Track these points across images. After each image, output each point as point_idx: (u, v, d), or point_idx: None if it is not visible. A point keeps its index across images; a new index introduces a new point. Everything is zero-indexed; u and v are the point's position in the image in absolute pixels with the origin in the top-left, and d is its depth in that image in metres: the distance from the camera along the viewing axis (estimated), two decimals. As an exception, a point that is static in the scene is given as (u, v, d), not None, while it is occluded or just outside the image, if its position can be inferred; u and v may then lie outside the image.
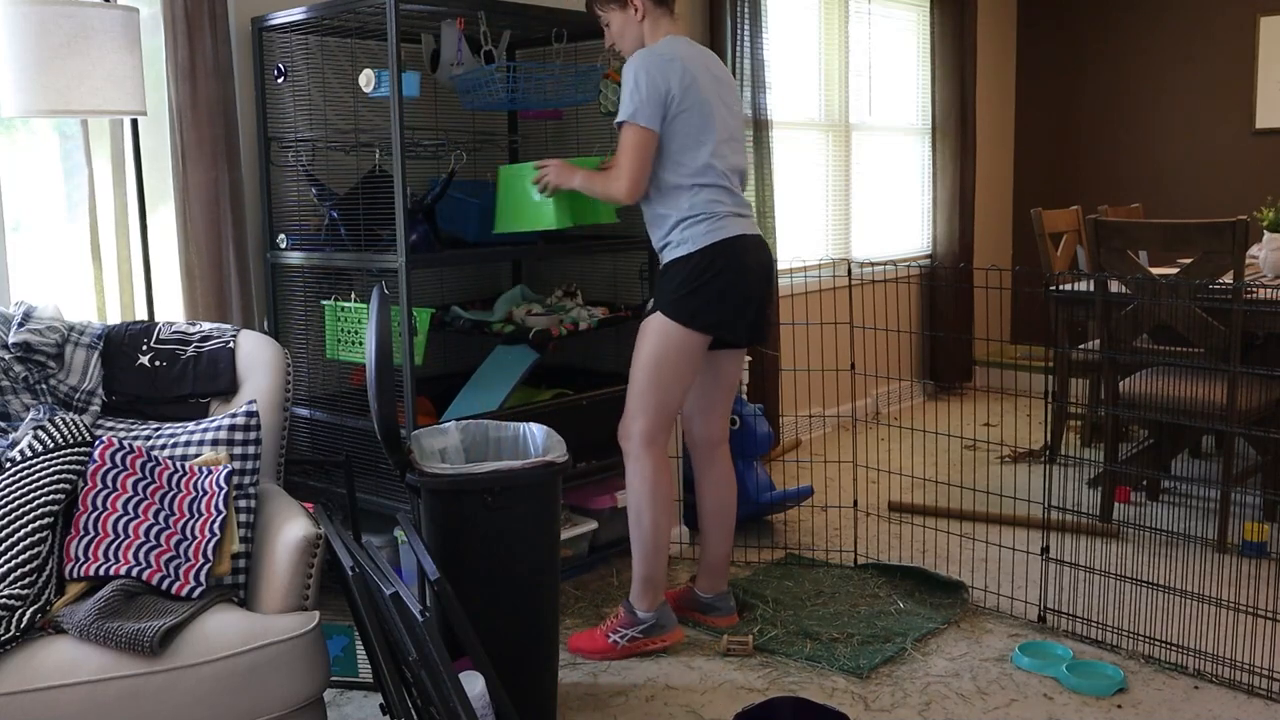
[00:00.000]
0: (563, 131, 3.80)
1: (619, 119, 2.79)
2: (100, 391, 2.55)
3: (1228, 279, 3.55)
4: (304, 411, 3.33)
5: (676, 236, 2.83)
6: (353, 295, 3.19)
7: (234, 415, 2.39)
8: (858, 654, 2.93)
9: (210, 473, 2.27)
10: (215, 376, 2.58)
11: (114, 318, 3.08)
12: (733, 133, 2.89)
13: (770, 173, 4.64)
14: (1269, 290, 3.73)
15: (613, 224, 3.35)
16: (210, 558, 2.15)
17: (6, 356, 2.47)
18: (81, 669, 1.91)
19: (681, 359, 2.84)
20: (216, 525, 2.18)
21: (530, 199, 3.12)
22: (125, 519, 2.15)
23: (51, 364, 2.53)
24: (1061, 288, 4.18)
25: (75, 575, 2.09)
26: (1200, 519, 3.96)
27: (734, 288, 2.82)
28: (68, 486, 2.17)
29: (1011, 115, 6.61)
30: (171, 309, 3.16)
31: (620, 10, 2.88)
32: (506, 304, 3.48)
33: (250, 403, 2.44)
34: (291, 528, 2.20)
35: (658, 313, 2.85)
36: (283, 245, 3.26)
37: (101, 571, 2.09)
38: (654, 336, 2.84)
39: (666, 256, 2.87)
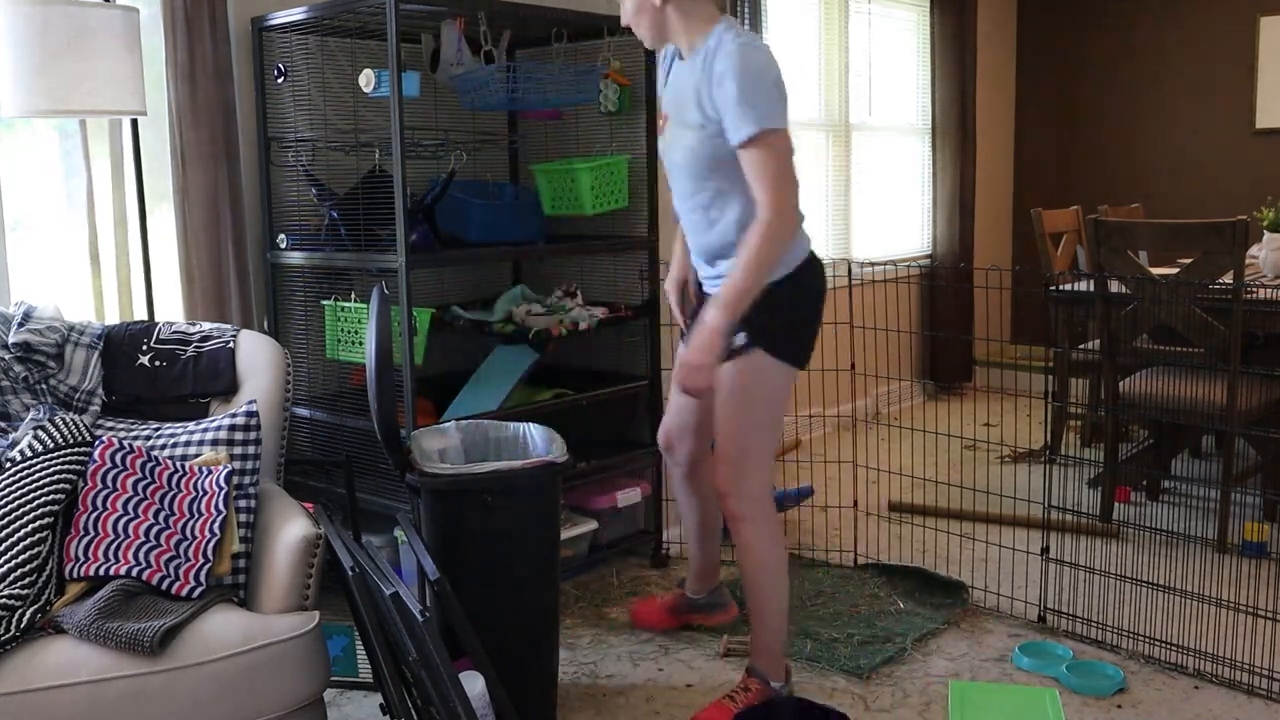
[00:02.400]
0: (563, 131, 3.80)
1: (758, 129, 2.25)
2: (100, 391, 2.55)
3: (1228, 279, 3.55)
4: (304, 411, 3.33)
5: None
6: (353, 295, 3.19)
7: (234, 415, 2.39)
8: (858, 654, 2.93)
9: (210, 473, 2.27)
10: (215, 376, 2.58)
11: (114, 318, 3.08)
12: None
13: (770, 173, 4.63)
14: (1269, 290, 3.73)
15: (612, 224, 3.36)
16: (210, 558, 2.15)
17: (6, 356, 2.47)
18: (81, 669, 1.91)
19: (786, 398, 2.51)
20: (216, 525, 2.18)
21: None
22: (125, 519, 2.15)
23: (51, 364, 2.53)
24: (1061, 288, 4.18)
25: (75, 575, 2.09)
26: (1200, 519, 3.96)
27: (820, 313, 2.53)
28: (68, 486, 2.17)
29: (1011, 115, 6.61)
30: (171, 309, 3.16)
31: None
32: (506, 304, 3.48)
33: (250, 403, 2.44)
34: (291, 528, 2.20)
35: (759, 352, 2.44)
36: (283, 245, 3.26)
37: (101, 571, 2.09)
38: (755, 379, 2.45)
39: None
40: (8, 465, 2.20)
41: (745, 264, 2.28)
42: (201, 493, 2.23)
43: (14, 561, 2.05)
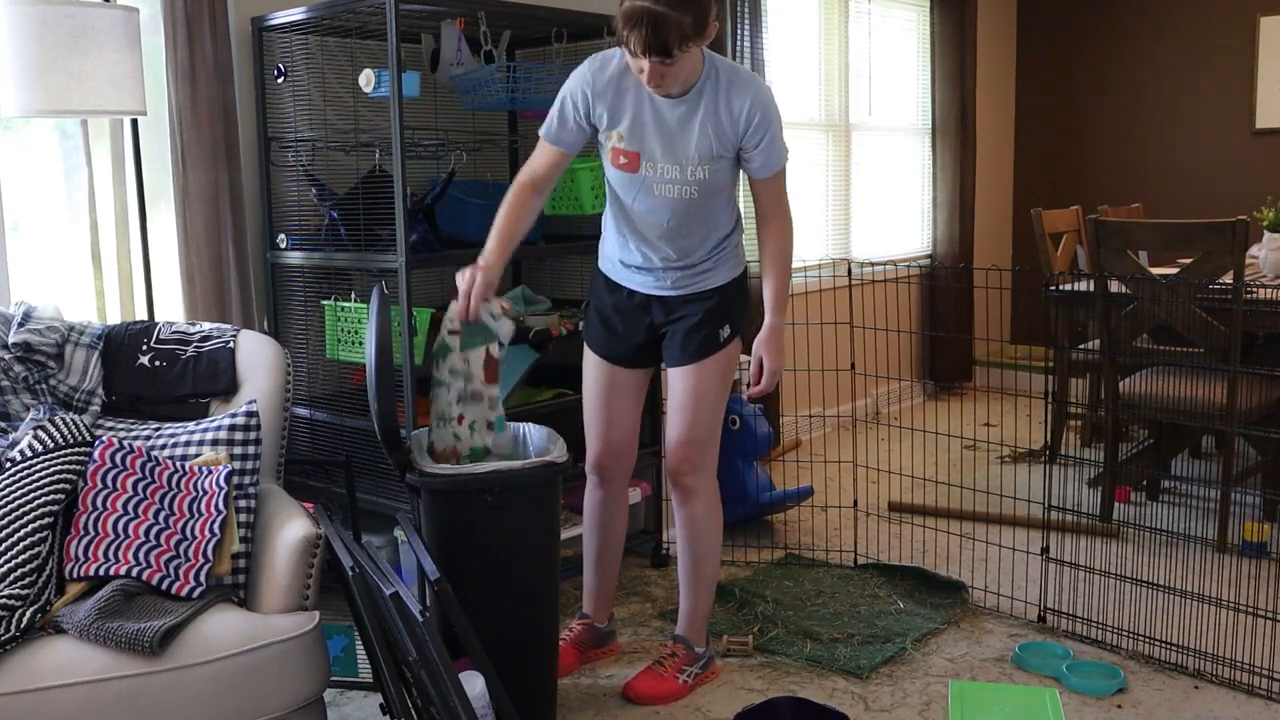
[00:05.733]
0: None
1: (781, 165, 2.55)
2: (100, 391, 2.55)
3: (1228, 279, 3.55)
4: (304, 411, 3.33)
5: (730, 254, 2.67)
6: (353, 295, 3.19)
7: (234, 415, 2.39)
8: (858, 654, 2.93)
9: (210, 473, 2.27)
10: (215, 376, 2.58)
11: (114, 318, 3.08)
12: None
13: (770, 173, 4.63)
14: (1269, 290, 3.73)
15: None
16: (210, 558, 2.15)
17: (6, 356, 2.47)
18: (81, 669, 1.91)
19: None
20: (216, 525, 2.18)
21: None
22: (125, 519, 2.15)
23: (51, 364, 2.53)
24: (1061, 288, 4.18)
25: (75, 575, 2.09)
26: (1200, 519, 3.96)
27: None
28: (68, 486, 2.17)
29: (1011, 115, 6.61)
30: (171, 309, 3.16)
31: (698, 41, 2.32)
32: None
33: (250, 403, 2.44)
34: (291, 528, 2.20)
35: (736, 338, 2.70)
36: (283, 245, 3.26)
37: (101, 571, 2.09)
38: (730, 363, 2.69)
39: (721, 277, 2.65)
40: (8, 465, 2.20)
41: (784, 269, 2.60)
42: (201, 493, 2.23)
43: (14, 561, 2.05)
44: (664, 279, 2.66)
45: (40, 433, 2.24)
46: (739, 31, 4.48)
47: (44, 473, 2.17)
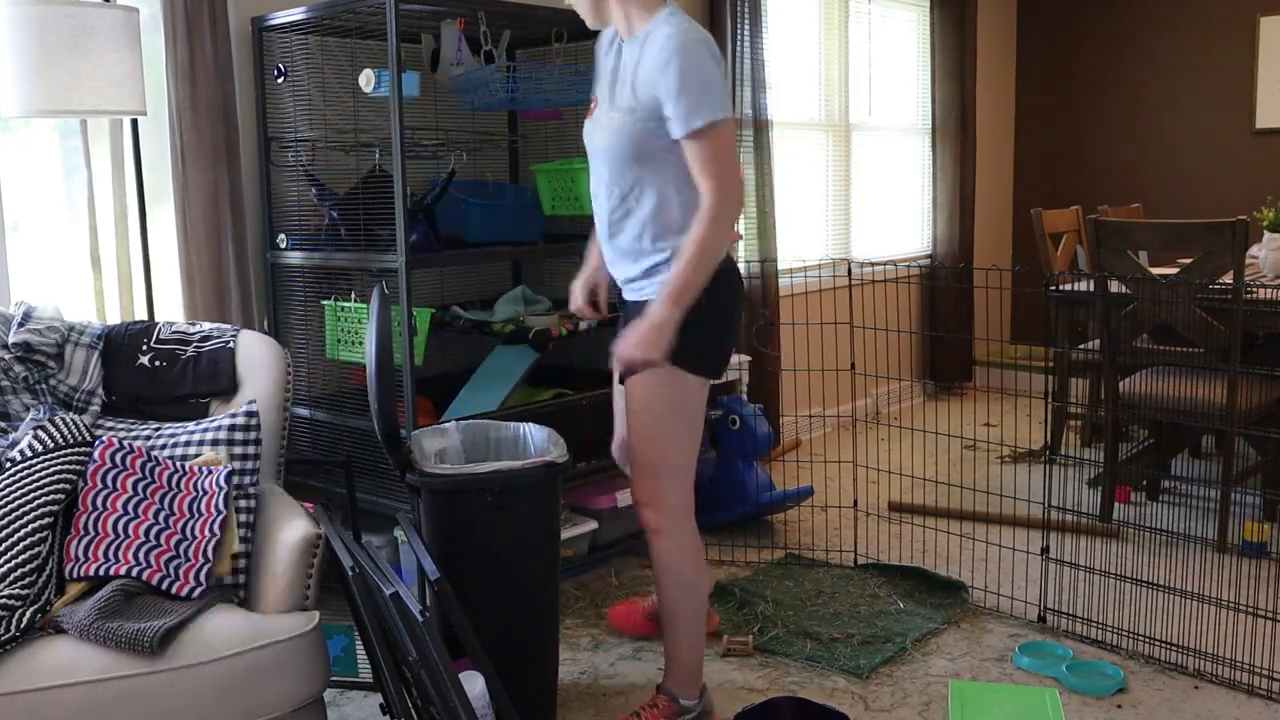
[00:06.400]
0: (563, 131, 3.80)
1: (705, 121, 2.19)
2: (100, 391, 2.55)
3: (1228, 279, 3.55)
4: (304, 411, 3.33)
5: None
6: (353, 295, 3.19)
7: (234, 415, 2.39)
8: (858, 654, 2.93)
9: (210, 473, 2.27)
10: (215, 376, 2.58)
11: (114, 318, 3.08)
12: None
13: (770, 173, 4.64)
14: (1269, 290, 3.73)
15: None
16: (210, 558, 2.15)
17: (6, 356, 2.47)
18: (81, 669, 1.91)
19: (703, 409, 2.43)
20: (216, 525, 2.18)
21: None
22: (125, 519, 2.15)
23: (51, 364, 2.53)
24: (1061, 288, 4.18)
25: (75, 575, 2.09)
26: (1200, 519, 3.96)
27: (739, 322, 2.48)
28: (68, 486, 2.17)
29: (1011, 115, 6.61)
30: (171, 309, 3.16)
31: None
32: (507, 305, 3.48)
33: (250, 403, 2.44)
34: (291, 528, 2.20)
35: (677, 369, 2.34)
36: (283, 245, 3.26)
37: (101, 571, 2.09)
38: (682, 392, 2.37)
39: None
40: (8, 465, 2.20)
41: (691, 253, 2.22)
42: (201, 493, 2.23)
43: (14, 561, 2.05)
44: (623, 284, 2.50)
45: (40, 433, 2.24)
46: (739, 31, 4.48)
47: (44, 473, 2.17)
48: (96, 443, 2.24)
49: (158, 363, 2.59)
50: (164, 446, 2.37)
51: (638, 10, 2.33)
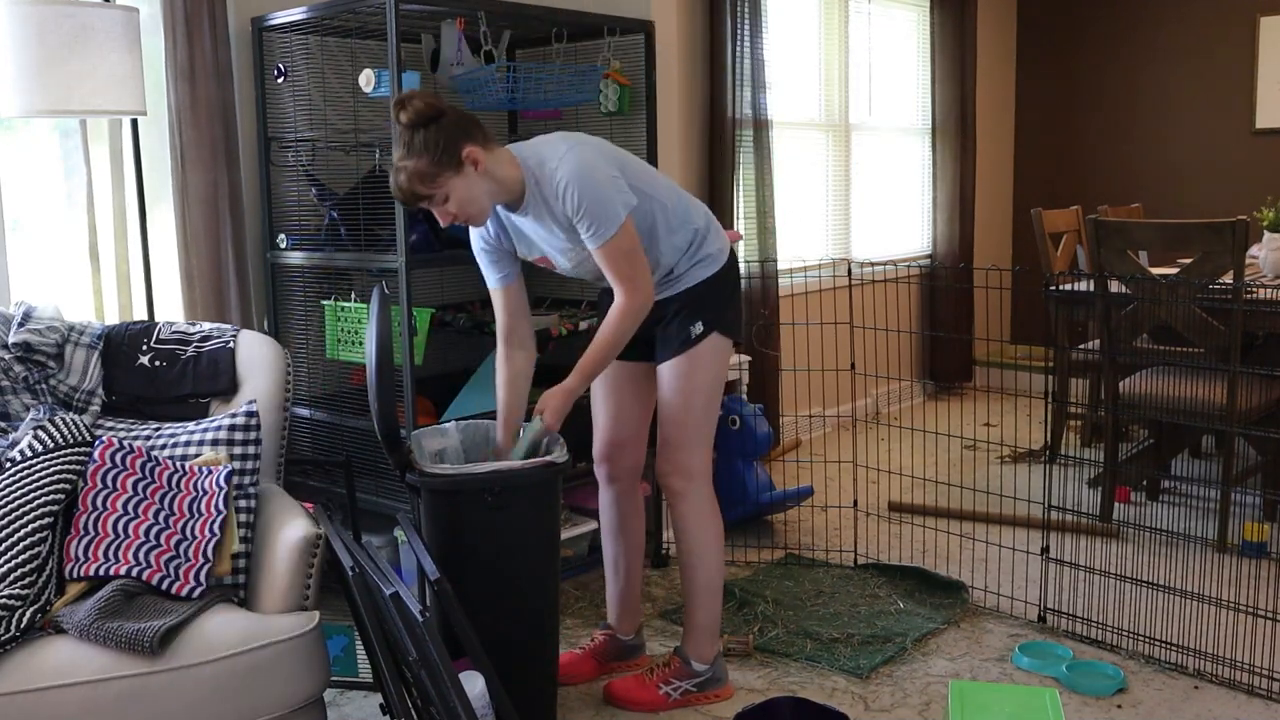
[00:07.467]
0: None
1: (608, 236, 2.39)
2: (100, 391, 2.55)
3: (1228, 279, 3.55)
4: (304, 411, 3.33)
5: (702, 254, 2.60)
6: (353, 295, 3.19)
7: (234, 415, 2.39)
8: (858, 654, 2.93)
9: (210, 473, 2.27)
10: (215, 376, 2.58)
11: (114, 318, 3.08)
12: None
13: (770, 172, 4.64)
14: (1269, 290, 3.73)
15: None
16: (210, 558, 2.15)
17: (6, 356, 2.47)
18: (81, 669, 1.91)
19: (725, 377, 2.69)
20: (216, 525, 2.18)
21: None
22: (125, 519, 2.16)
23: (51, 364, 2.53)
24: (1061, 288, 4.18)
25: (75, 575, 2.09)
26: (1200, 519, 3.96)
27: (741, 298, 2.75)
28: (68, 486, 2.17)
29: (1011, 115, 6.61)
30: (171, 309, 3.16)
31: (457, 174, 2.34)
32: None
33: (250, 403, 2.44)
34: (291, 528, 2.20)
35: (713, 334, 2.60)
36: (283, 245, 3.26)
37: (101, 571, 2.09)
38: (710, 360, 2.61)
39: (697, 276, 2.60)
40: (8, 465, 2.20)
41: (604, 341, 2.46)
42: (201, 493, 2.23)
43: (14, 561, 2.05)
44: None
45: (40, 433, 2.24)
46: (739, 31, 4.49)
47: (44, 473, 2.17)
48: (96, 443, 2.24)
49: (158, 363, 2.59)
50: (164, 446, 2.37)
51: (511, 172, 2.42)
